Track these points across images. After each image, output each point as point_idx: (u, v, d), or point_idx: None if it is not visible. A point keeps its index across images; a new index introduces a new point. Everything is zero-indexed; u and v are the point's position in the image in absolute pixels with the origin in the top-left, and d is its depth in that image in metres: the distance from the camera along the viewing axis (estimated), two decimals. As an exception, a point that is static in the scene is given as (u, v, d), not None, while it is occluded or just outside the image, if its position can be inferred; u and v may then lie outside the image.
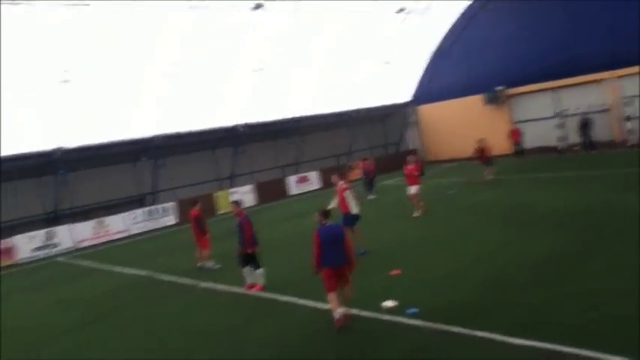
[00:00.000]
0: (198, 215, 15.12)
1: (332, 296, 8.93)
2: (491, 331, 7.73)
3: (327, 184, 32.69)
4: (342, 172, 15.90)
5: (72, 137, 24.48)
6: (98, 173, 26.64)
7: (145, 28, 24.02)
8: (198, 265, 14.90)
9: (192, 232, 15.17)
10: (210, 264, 14.77)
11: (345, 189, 13.87)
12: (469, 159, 28.09)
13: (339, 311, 8.85)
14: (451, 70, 36.85)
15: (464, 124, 35.95)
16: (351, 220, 13.53)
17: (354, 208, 13.72)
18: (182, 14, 24.62)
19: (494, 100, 34.79)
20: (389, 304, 9.42)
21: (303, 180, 32.17)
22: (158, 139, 27.38)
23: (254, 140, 31.91)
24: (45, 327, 11.80)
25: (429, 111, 38.89)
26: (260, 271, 11.96)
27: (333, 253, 8.88)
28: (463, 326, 8.05)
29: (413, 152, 20.19)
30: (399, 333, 8.36)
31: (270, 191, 30.74)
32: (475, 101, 35.39)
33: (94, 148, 25.72)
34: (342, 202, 13.75)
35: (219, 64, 27.70)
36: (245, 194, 28.74)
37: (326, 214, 9.42)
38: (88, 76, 23.57)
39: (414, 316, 8.81)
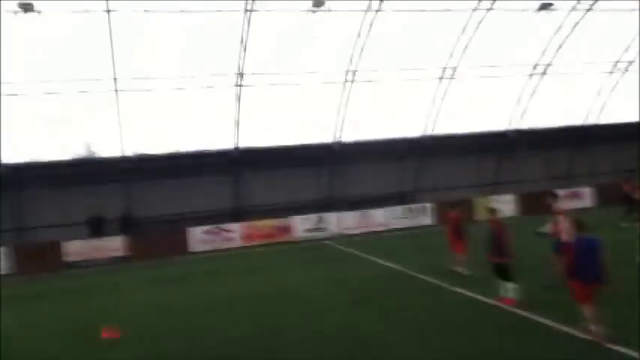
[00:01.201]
0: (457, 219, 15.14)
1: (587, 309, 8.56)
2: None
3: (603, 201, 29.36)
4: (555, 195, 14.32)
5: (348, 132, 27.00)
6: (369, 167, 28.65)
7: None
8: (451, 268, 14.92)
9: (448, 235, 15.25)
10: (462, 269, 14.67)
11: (560, 213, 12.74)
12: None
13: (596, 327, 8.41)
14: None
15: None
16: (557, 246, 12.20)
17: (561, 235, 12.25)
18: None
19: None
20: None
21: (573, 195, 29.42)
22: (424, 140, 28.17)
23: (523, 148, 30.41)
24: (316, 299, 13.32)
25: None
26: (511, 284, 11.45)
27: (587, 266, 8.49)
28: None
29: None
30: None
31: (534, 203, 28.82)
32: None
33: (366, 144, 27.83)
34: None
35: (489, 64, 27.08)
36: (506, 204, 27.60)
37: (581, 225, 8.92)
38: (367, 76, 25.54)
39: None
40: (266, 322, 11.50)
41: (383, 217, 27.04)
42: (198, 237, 24.26)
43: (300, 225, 25.65)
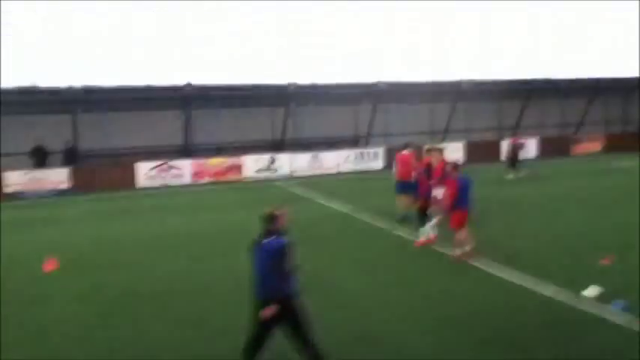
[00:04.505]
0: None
1: (464, 232, 10.78)
2: None
3: (546, 153, 30.46)
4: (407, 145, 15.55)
5: (304, 74, 26.51)
6: (323, 111, 28.42)
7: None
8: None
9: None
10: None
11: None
12: None
13: (468, 247, 10.73)
14: None
15: None
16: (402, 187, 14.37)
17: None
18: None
19: None
20: (591, 292, 8.62)
21: (520, 146, 30.12)
22: (381, 85, 28.05)
23: (475, 98, 30.83)
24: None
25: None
26: (425, 227, 12.10)
27: (466, 199, 10.76)
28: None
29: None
30: (597, 327, 7.62)
31: (482, 152, 29.64)
32: None
33: (322, 87, 27.48)
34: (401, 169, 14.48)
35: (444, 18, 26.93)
36: (455, 151, 28.13)
37: (458, 167, 11.15)
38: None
39: (619, 311, 7.94)
40: (200, 259, 11.65)
41: (335, 160, 27.17)
42: (146, 172, 23.80)
43: (252, 165, 25.48)
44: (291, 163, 26.30)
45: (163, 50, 23.72)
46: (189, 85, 24.86)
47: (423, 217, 12.27)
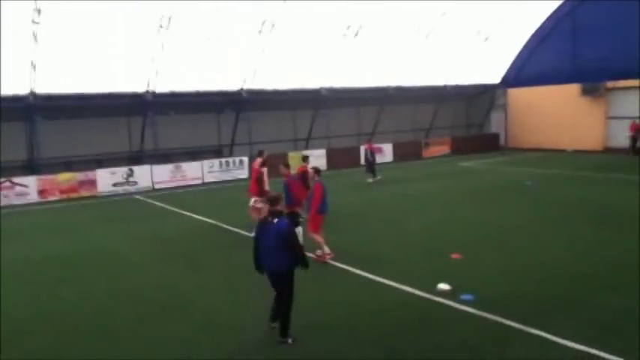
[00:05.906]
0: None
1: (320, 236, 11.36)
2: (548, 331, 7.41)
3: (401, 157, 32.40)
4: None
5: (163, 82, 25.35)
6: (184, 120, 27.60)
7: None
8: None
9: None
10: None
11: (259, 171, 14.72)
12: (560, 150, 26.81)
13: (324, 249, 11.30)
14: (549, 55, 34.79)
15: (555, 114, 34.52)
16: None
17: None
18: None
19: (591, 91, 32.84)
20: (443, 287, 9.23)
21: (376, 151, 31.72)
22: (244, 93, 27.88)
23: (335, 105, 31.88)
24: (119, 259, 12.58)
25: (519, 95, 37.14)
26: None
27: (326, 203, 11.47)
28: (518, 321, 7.77)
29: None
30: (450, 318, 8.19)
31: (343, 158, 30.73)
32: (571, 91, 33.55)
33: (183, 95, 26.61)
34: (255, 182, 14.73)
35: (308, 25, 27.47)
36: (318, 158, 28.84)
37: (319, 172, 11.90)
38: (185, 24, 24.12)
39: (468, 303, 8.59)
40: (52, 287, 10.68)
41: (198, 171, 26.49)
42: (-16, 192, 21.33)
43: (107, 179, 23.93)
44: (152, 175, 25.17)
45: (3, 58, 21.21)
46: (32, 94, 22.76)
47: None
